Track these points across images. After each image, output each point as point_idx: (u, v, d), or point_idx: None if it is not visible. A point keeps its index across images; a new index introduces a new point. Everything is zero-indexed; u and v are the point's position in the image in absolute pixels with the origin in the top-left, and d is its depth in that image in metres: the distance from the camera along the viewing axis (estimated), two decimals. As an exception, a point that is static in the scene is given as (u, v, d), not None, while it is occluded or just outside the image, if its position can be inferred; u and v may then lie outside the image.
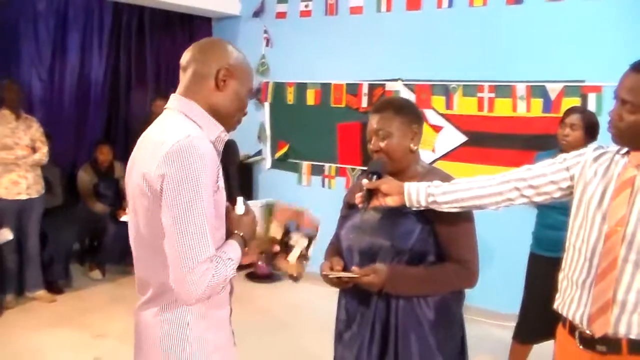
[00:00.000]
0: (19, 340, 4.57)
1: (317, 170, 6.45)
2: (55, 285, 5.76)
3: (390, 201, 2.18)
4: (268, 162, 6.82)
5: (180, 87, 1.90)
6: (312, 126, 6.38)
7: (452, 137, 5.49)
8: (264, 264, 6.23)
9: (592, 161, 2.02)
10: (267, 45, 6.60)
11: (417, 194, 2.14)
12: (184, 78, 1.89)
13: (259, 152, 6.88)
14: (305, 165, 6.53)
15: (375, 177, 2.24)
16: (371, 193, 2.22)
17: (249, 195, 6.77)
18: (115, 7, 6.76)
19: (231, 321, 2.02)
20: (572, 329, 2.03)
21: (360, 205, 2.25)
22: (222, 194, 1.84)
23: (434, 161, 5.46)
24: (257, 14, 6.68)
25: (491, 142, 5.26)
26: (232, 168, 1.99)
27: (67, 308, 5.42)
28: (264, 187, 6.89)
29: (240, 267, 2.05)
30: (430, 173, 2.36)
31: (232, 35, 6.78)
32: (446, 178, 2.28)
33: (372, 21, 5.90)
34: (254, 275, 6.37)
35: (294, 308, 5.65)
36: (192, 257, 1.65)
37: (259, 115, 6.79)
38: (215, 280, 1.68)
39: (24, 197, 5.29)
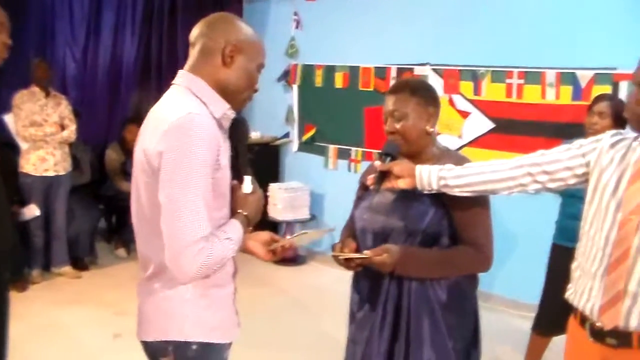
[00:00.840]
0: (43, 314, 4.65)
1: (343, 154, 6.42)
2: (80, 261, 5.85)
3: (402, 183, 2.15)
4: (295, 145, 6.81)
5: (188, 63, 1.87)
6: (340, 109, 6.35)
7: (480, 124, 5.40)
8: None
9: (608, 147, 1.95)
10: (296, 27, 6.56)
11: (429, 176, 2.11)
12: (192, 54, 1.87)
13: (287, 135, 6.86)
14: (332, 148, 6.51)
15: (389, 158, 2.23)
16: (383, 175, 2.19)
17: (275, 177, 6.80)
18: (148, -13, 6.78)
19: (235, 300, 2.01)
20: (583, 320, 1.98)
21: (372, 187, 2.24)
22: (225, 173, 1.82)
23: (460, 147, 5.39)
24: (288, -5, 6.64)
25: (519, 129, 5.15)
26: (241, 146, 1.96)
27: (91, 285, 5.51)
28: (291, 170, 6.90)
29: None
30: (446, 155, 2.33)
31: (262, 17, 6.75)
32: (461, 161, 2.25)
33: (401, 4, 5.82)
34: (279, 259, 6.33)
35: (314, 290, 5.66)
36: (186, 236, 1.64)
37: (287, 98, 6.77)
38: (210, 260, 1.67)
39: (51, 173, 5.37)
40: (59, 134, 5.38)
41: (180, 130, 1.65)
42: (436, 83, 5.47)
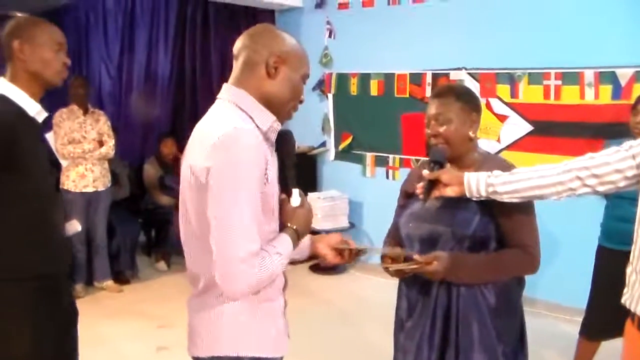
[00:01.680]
0: (88, 328, 4.60)
1: (381, 162, 6.40)
2: (122, 275, 5.90)
3: (451, 191, 2.15)
4: (332, 154, 6.80)
5: (232, 76, 1.86)
6: (376, 117, 6.33)
7: (518, 127, 5.33)
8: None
9: None
10: (329, 36, 6.57)
11: (477, 184, 2.10)
12: (236, 67, 1.86)
13: (323, 144, 6.86)
14: (370, 156, 6.48)
15: (437, 166, 2.22)
16: (432, 183, 2.19)
17: (313, 187, 6.79)
18: (180, 2, 6.87)
19: (285, 313, 2.00)
20: None
21: (421, 197, 2.22)
22: (273, 186, 1.81)
23: (499, 151, 5.33)
24: (320, 5, 6.65)
25: (558, 131, 5.08)
26: (287, 159, 1.93)
27: (133, 298, 5.54)
28: (328, 179, 6.89)
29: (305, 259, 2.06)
30: (489, 160, 2.33)
31: (295, 27, 6.76)
32: (504, 165, 2.25)
33: (435, 10, 5.79)
34: (318, 268, 6.33)
35: (356, 299, 5.63)
36: (236, 252, 1.63)
37: (323, 107, 6.78)
38: (260, 275, 1.67)
39: (91, 189, 5.42)
40: (98, 150, 5.43)
41: (227, 145, 1.64)
42: (473, 87, 5.38)
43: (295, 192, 1.92)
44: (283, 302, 1.98)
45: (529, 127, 5.28)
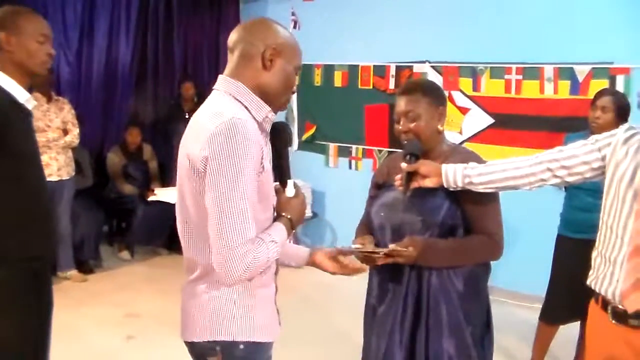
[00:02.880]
0: (53, 318, 4.65)
1: (344, 152, 6.48)
2: (86, 265, 5.86)
3: (429, 183, 2.25)
4: (295, 144, 6.82)
5: (228, 68, 1.90)
6: (340, 108, 6.41)
7: (480, 119, 5.49)
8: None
9: (622, 142, 2.03)
10: (294, 27, 6.57)
11: (454, 175, 2.21)
12: (232, 59, 1.89)
13: (286, 134, 6.85)
14: (333, 146, 6.57)
15: (413, 158, 2.30)
16: (410, 175, 2.27)
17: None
18: (143, -11, 6.79)
19: (276, 299, 2.05)
20: (605, 304, 2.07)
21: (400, 189, 2.30)
22: (268, 175, 1.85)
23: (461, 143, 5.40)
24: (285, -5, 6.66)
25: (518, 124, 5.25)
26: (284, 150, 1.98)
27: (98, 288, 5.52)
28: (292, 169, 6.84)
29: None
30: (456, 152, 2.44)
31: (259, 16, 6.62)
32: (470, 156, 2.38)
33: (400, 2, 5.88)
34: (282, 256, 6.39)
35: (321, 288, 5.66)
36: (233, 239, 1.67)
37: (287, 97, 6.77)
38: (255, 262, 1.71)
39: (55, 178, 5.35)
40: (62, 139, 5.38)
41: (225, 135, 1.68)
42: (435, 80, 5.52)
43: (290, 182, 1.98)
44: (275, 288, 2.04)
45: (490, 120, 5.44)
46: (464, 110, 5.54)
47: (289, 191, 1.97)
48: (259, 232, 1.78)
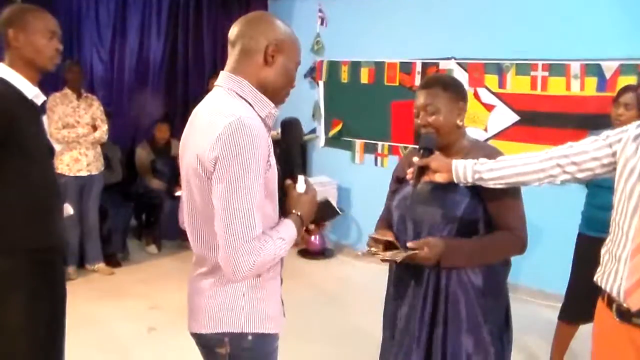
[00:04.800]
0: (80, 310, 4.74)
1: (370, 149, 6.47)
2: (113, 258, 5.97)
3: (440, 178, 2.26)
4: (322, 140, 6.87)
5: (229, 64, 1.89)
6: (366, 104, 6.39)
7: (505, 116, 5.42)
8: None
9: (633, 138, 2.00)
10: (321, 24, 6.60)
11: (464, 170, 2.21)
12: (232, 54, 1.88)
13: (313, 131, 6.92)
14: (359, 143, 6.55)
15: (426, 152, 2.31)
16: (422, 170, 2.28)
17: (303, 172, 6.79)
18: (173, -13, 6.88)
19: (281, 291, 2.07)
20: (610, 301, 2.05)
21: (411, 182, 2.32)
22: (274, 171, 1.86)
23: (486, 140, 5.38)
24: (312, -8, 6.68)
25: (544, 121, 5.18)
26: (295, 146, 1.99)
27: (124, 280, 5.61)
28: (318, 165, 6.96)
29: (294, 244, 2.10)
30: (476, 147, 2.42)
31: (287, 13, 6.78)
32: (491, 152, 2.35)
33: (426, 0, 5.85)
34: (306, 252, 6.46)
35: (344, 284, 5.73)
36: (239, 237, 1.69)
37: (314, 94, 6.84)
38: (261, 260, 1.72)
39: (84, 173, 5.48)
40: (92, 135, 5.48)
41: (234, 134, 1.68)
42: (461, 77, 5.51)
43: (301, 178, 1.97)
44: (280, 280, 2.06)
45: (515, 117, 5.37)
46: (489, 107, 5.49)
47: (300, 187, 1.96)
48: (267, 228, 1.80)
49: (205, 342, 1.99)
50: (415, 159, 2.29)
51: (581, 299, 3.60)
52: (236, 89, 1.85)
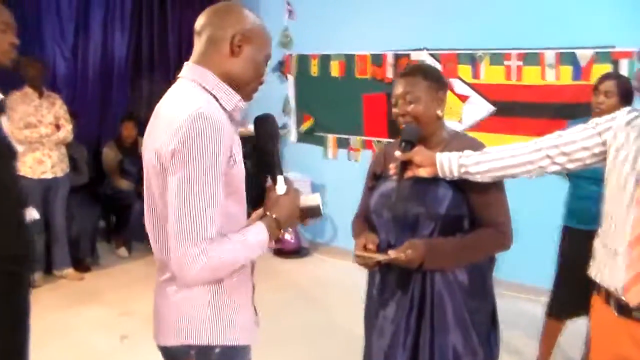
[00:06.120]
0: (48, 318, 4.59)
1: (342, 143, 6.39)
2: (82, 263, 5.79)
3: (424, 172, 2.16)
4: (293, 136, 6.77)
5: (194, 54, 1.81)
6: (337, 98, 6.31)
7: (480, 107, 5.37)
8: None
9: (624, 125, 1.94)
10: (289, 17, 6.50)
11: (450, 164, 2.12)
12: (198, 44, 1.81)
13: (284, 126, 6.81)
14: (331, 138, 6.47)
15: (408, 145, 2.21)
16: (405, 164, 2.18)
17: (281, 172, 6.67)
18: (136, -20, 6.72)
19: (254, 299, 1.97)
20: (608, 296, 1.99)
21: (394, 177, 2.22)
22: (240, 168, 1.76)
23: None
24: (279, -16, 6.57)
25: (520, 111, 5.14)
26: (268, 144, 1.87)
27: (94, 286, 5.46)
28: (290, 161, 6.80)
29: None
30: (456, 138, 2.35)
31: (255, 6, 6.61)
32: (472, 144, 2.28)
33: (395, -11, 5.76)
34: (281, 251, 6.35)
35: (322, 283, 5.65)
36: (190, 236, 1.58)
37: (283, 88, 6.74)
38: (214, 262, 1.61)
39: (49, 175, 5.30)
40: (55, 135, 5.30)
41: (191, 127, 1.59)
42: (434, 67, 5.43)
43: (280, 179, 1.86)
44: (252, 287, 1.96)
45: (490, 108, 5.33)
46: (463, 98, 5.43)
47: (280, 188, 1.85)
48: (232, 229, 1.70)
49: (171, 355, 1.88)
50: (397, 153, 2.19)
51: (568, 294, 3.58)
52: (199, 80, 1.76)
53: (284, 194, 1.85)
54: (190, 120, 1.60)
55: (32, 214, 5.14)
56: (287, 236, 6.18)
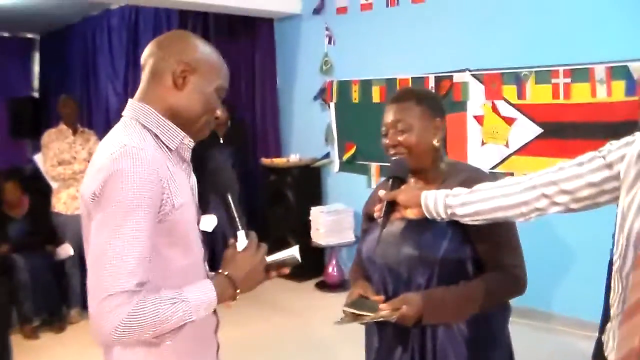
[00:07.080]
0: (83, 355, 4.51)
1: (386, 172, 6.06)
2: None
3: (411, 214, 1.88)
4: (336, 165, 6.54)
5: (138, 90, 1.64)
6: (379, 125, 5.97)
7: (527, 130, 5.00)
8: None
9: (637, 157, 1.46)
10: (329, 42, 6.34)
11: (435, 205, 1.81)
12: (142, 78, 1.64)
13: (327, 155, 6.60)
14: (374, 166, 6.20)
15: (397, 182, 1.97)
16: (391, 204, 1.91)
17: (318, 200, 6.55)
18: (181, 15, 6.80)
19: (218, 356, 1.77)
20: None
21: (379, 220, 1.95)
22: (184, 214, 1.56)
23: (508, 156, 5.04)
24: (318, 10, 6.41)
25: (569, 132, 4.74)
26: (226, 196, 1.71)
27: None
28: (333, 192, 6.64)
29: (310, 276, 1.72)
30: (456, 169, 2.07)
31: (295, 35, 6.60)
32: (471, 175, 1.99)
33: (434, 10, 5.52)
34: (324, 285, 6.08)
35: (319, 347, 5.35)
36: (104, 288, 1.37)
37: (325, 116, 6.54)
38: (133, 320, 1.37)
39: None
40: (88, 171, 5.31)
41: (113, 165, 1.42)
42: (477, 89, 5.19)
43: (241, 234, 1.70)
44: (215, 346, 1.76)
45: (538, 130, 4.95)
46: (509, 121, 5.08)
47: (240, 244, 1.67)
48: (176, 284, 1.48)
49: None
50: (381, 192, 1.93)
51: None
52: (139, 118, 1.58)
53: (242, 250, 1.65)
54: (111, 158, 1.44)
55: (67, 250, 5.20)
56: (330, 269, 5.93)
